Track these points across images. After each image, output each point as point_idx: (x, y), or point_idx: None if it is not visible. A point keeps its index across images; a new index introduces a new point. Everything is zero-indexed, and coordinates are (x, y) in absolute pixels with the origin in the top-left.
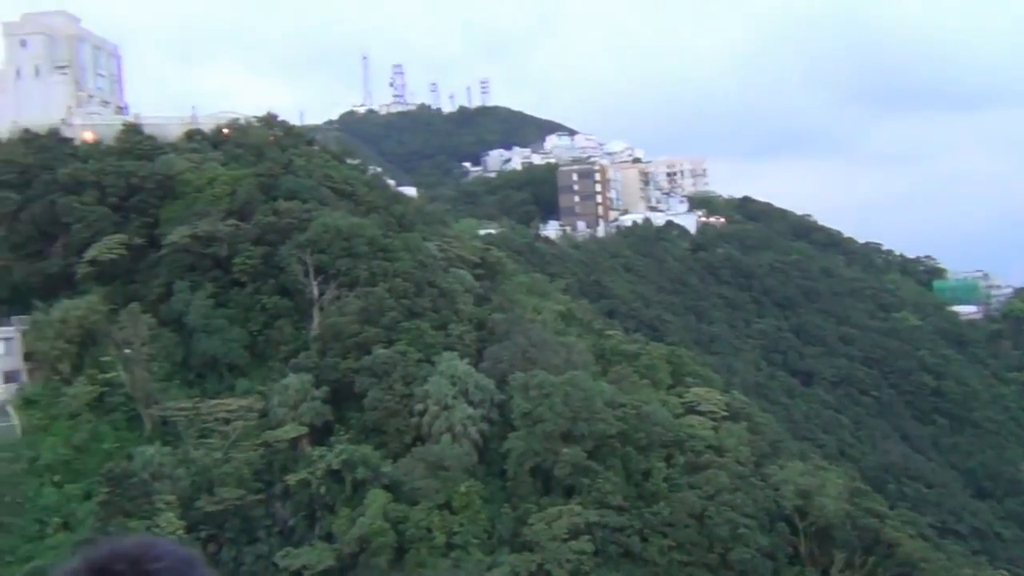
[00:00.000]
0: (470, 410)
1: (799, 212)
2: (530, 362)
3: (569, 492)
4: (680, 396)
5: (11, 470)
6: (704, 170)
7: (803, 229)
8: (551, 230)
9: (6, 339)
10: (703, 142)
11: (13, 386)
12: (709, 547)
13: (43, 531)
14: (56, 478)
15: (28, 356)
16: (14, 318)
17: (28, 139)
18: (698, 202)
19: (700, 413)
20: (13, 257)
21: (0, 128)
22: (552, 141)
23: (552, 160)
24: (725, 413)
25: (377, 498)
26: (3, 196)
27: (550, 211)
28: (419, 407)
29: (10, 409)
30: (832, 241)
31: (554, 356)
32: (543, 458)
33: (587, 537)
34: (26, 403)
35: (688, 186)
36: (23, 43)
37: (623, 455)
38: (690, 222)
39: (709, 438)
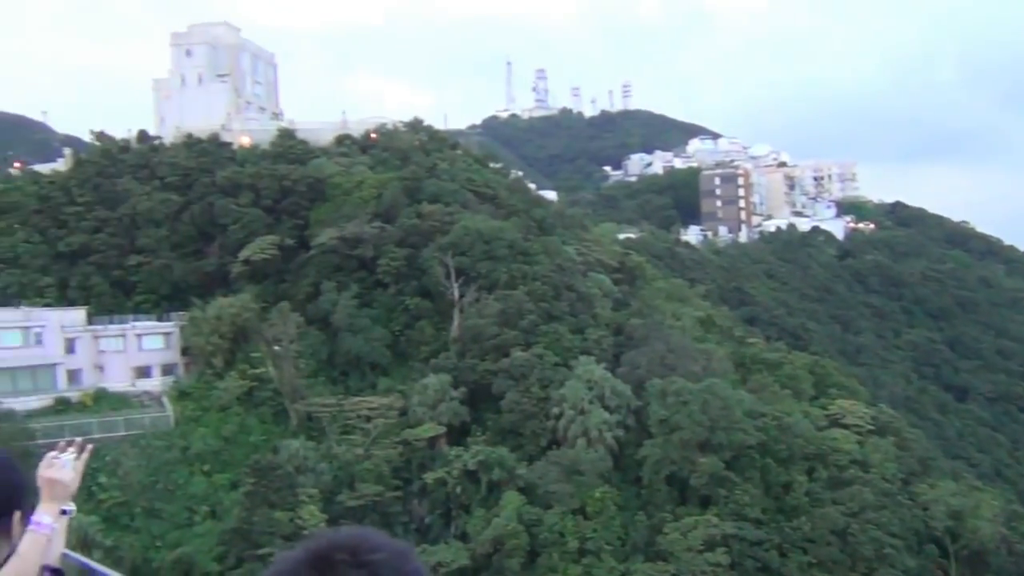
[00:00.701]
0: (606, 415)
1: (955, 218)
2: (668, 368)
3: (705, 502)
4: (823, 408)
5: (164, 458)
6: (853, 174)
7: (959, 236)
8: (692, 235)
9: (165, 334)
10: (853, 145)
11: (170, 379)
12: (852, 566)
13: (192, 518)
14: (206, 467)
15: (185, 350)
16: (173, 314)
17: (190, 144)
18: (846, 207)
19: (844, 426)
20: (174, 256)
21: (164, 133)
22: (695, 145)
23: (694, 164)
24: (871, 427)
25: (512, 500)
26: (166, 198)
27: (691, 216)
28: (555, 411)
29: (166, 400)
30: (991, 249)
31: (693, 363)
32: (679, 467)
33: (723, 549)
34: (181, 395)
35: (836, 191)
36: (188, 52)
37: (762, 467)
38: (837, 228)
39: (854, 452)
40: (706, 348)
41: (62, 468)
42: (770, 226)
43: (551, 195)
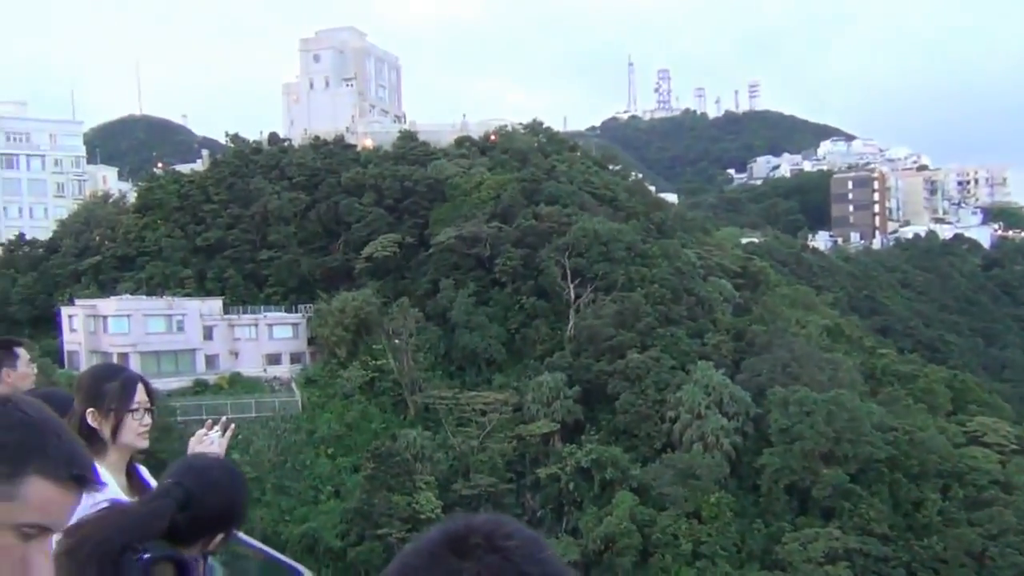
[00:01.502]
0: (724, 421)
1: None
2: (791, 377)
3: (827, 515)
4: (962, 425)
5: (292, 440)
6: (1004, 179)
7: None
8: (820, 241)
9: (294, 324)
10: (1004, 148)
11: (298, 367)
12: None
13: (317, 497)
14: (330, 450)
15: (311, 340)
16: (301, 306)
17: (317, 145)
18: (994, 214)
19: (985, 445)
20: (301, 251)
21: (293, 135)
22: (826, 147)
23: (825, 167)
24: (1015, 447)
25: (624, 500)
26: (294, 197)
27: (820, 221)
28: (671, 414)
29: (294, 386)
30: None
31: (818, 372)
32: (800, 477)
33: (846, 564)
34: (307, 382)
35: (983, 196)
36: (316, 58)
37: (891, 481)
38: (983, 235)
39: (995, 472)
40: (833, 357)
41: (211, 444)
42: (907, 233)
43: (671, 198)
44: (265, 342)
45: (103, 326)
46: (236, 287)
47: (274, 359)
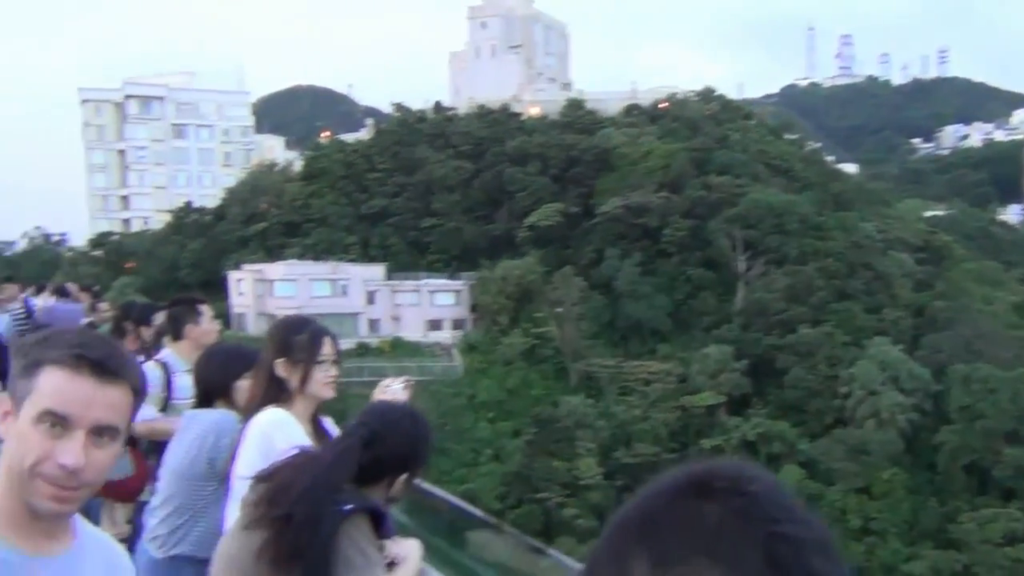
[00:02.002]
0: (900, 398)
1: None
2: (974, 354)
3: (1008, 495)
4: None
5: (453, 404)
6: None
7: None
8: (1011, 214)
9: (456, 291)
10: None
11: (459, 333)
12: None
13: (476, 459)
14: (490, 415)
15: (473, 307)
16: (463, 274)
17: (482, 114)
18: None
19: None
20: (465, 220)
21: (459, 103)
22: (1019, 116)
23: (1019, 136)
24: None
25: (792, 474)
26: (459, 165)
27: (1011, 194)
28: (843, 390)
29: (455, 352)
30: None
31: (1004, 350)
32: (980, 456)
33: None
34: (469, 348)
35: None
36: (483, 25)
37: None
38: None
39: None
40: (1021, 335)
41: (394, 393)
42: None
43: (851, 168)
44: (427, 308)
45: (270, 290)
46: (399, 254)
47: (435, 325)
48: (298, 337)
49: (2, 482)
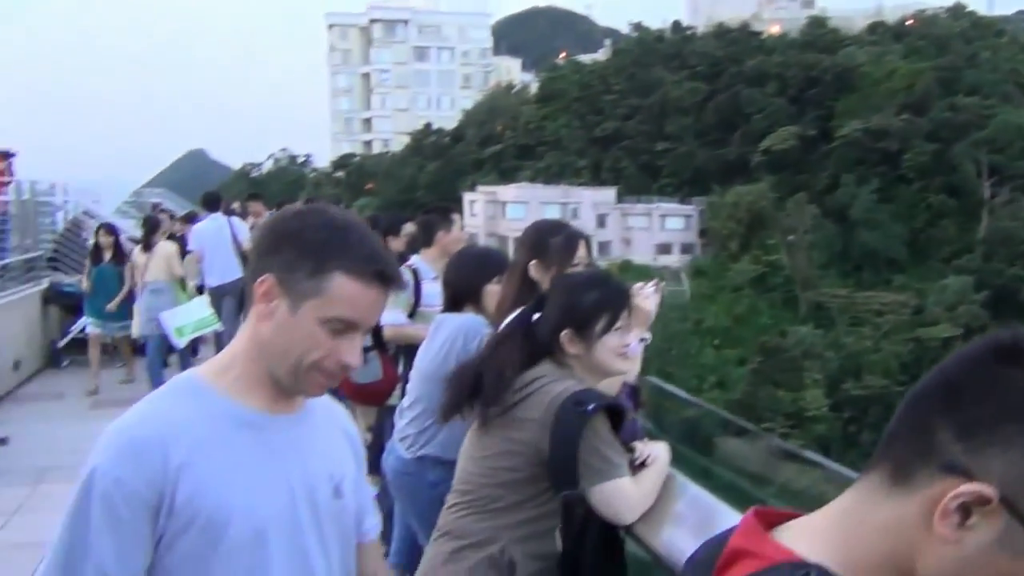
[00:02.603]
0: None
1: None
2: None
3: None
4: None
5: (679, 329)
6: None
7: None
8: None
9: (686, 216)
10: None
11: (687, 257)
12: None
13: (700, 386)
14: (716, 342)
15: (702, 232)
16: (694, 199)
17: (720, 33)
18: None
19: None
20: (697, 144)
21: (697, 23)
22: None
23: None
24: None
25: None
26: (694, 87)
27: None
28: None
29: (683, 276)
30: None
31: None
32: None
33: None
34: (696, 273)
35: None
36: None
37: None
38: None
39: None
40: None
41: (647, 298)
42: None
43: None
44: (657, 232)
45: (502, 211)
46: (630, 178)
47: (664, 249)
48: (553, 239)
49: (249, 351)
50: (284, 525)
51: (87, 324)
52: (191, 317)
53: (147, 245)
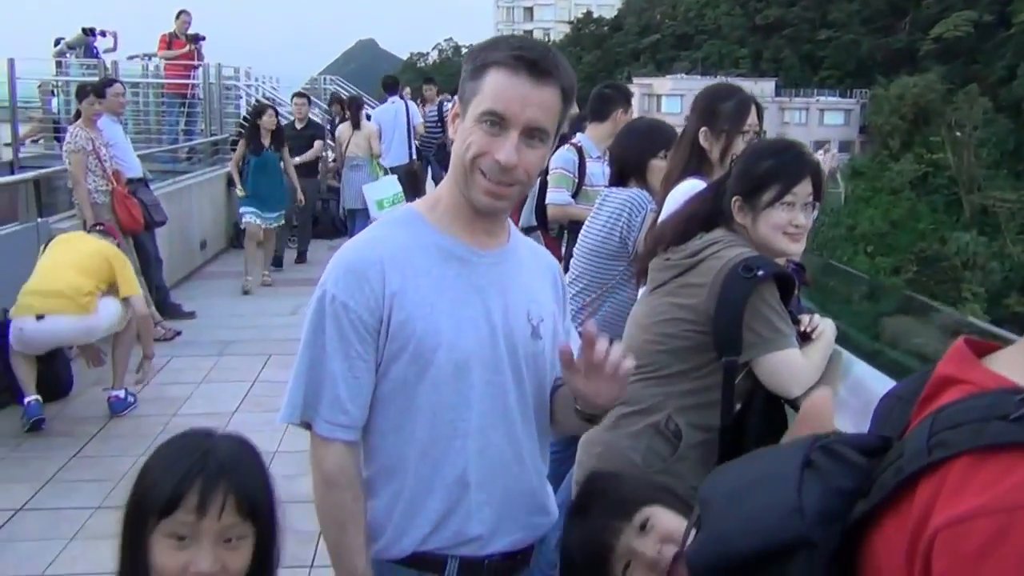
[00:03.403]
0: None
1: None
2: None
3: None
4: None
5: (831, 234)
6: None
7: None
8: None
9: (846, 110)
10: None
11: (845, 156)
12: None
13: (850, 296)
14: (869, 248)
15: (863, 129)
16: (856, 91)
17: None
18: None
19: None
20: (863, 31)
21: None
22: None
23: None
24: None
25: None
26: None
27: None
28: None
29: (839, 177)
30: None
31: None
32: None
33: None
34: (854, 173)
35: None
36: None
37: None
38: None
39: None
40: None
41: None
42: None
43: None
44: (815, 128)
45: (657, 104)
46: (791, 68)
47: (821, 146)
48: (724, 105)
49: (450, 182)
50: (485, 360)
51: (245, 215)
52: (388, 191)
53: (355, 123)
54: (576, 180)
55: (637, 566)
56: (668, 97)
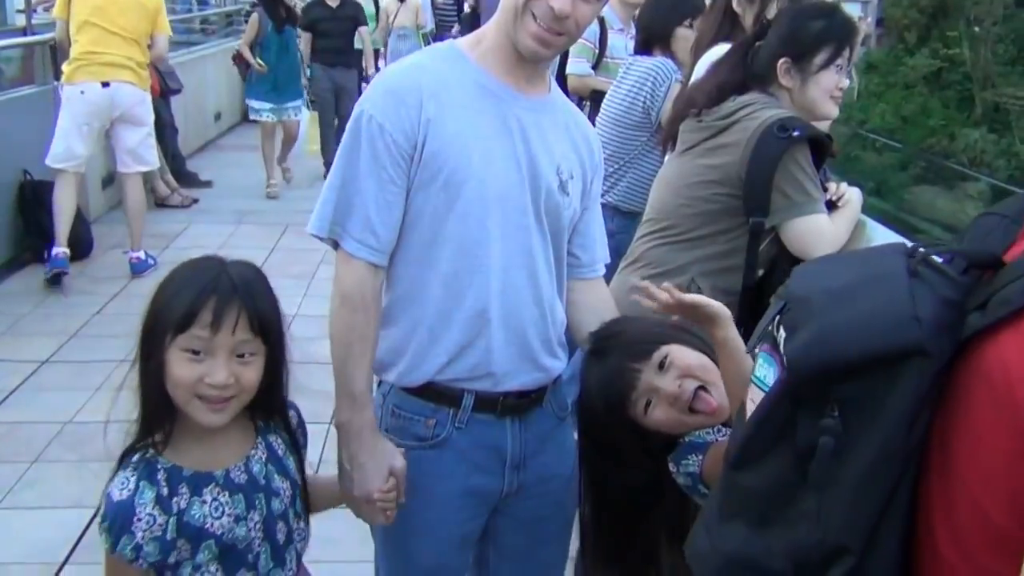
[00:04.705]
0: None
1: None
2: None
3: None
4: None
5: (841, 130)
6: None
7: None
8: None
9: (864, 2)
10: None
11: (862, 50)
12: None
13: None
14: (878, 144)
15: (879, 22)
16: None
17: None
18: None
19: None
20: None
21: None
22: None
23: None
24: None
25: None
26: None
27: None
28: None
29: (853, 72)
30: None
31: None
32: None
33: None
34: (868, 68)
35: None
36: None
37: None
38: None
39: None
40: None
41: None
42: None
43: None
44: None
45: None
46: None
47: None
48: None
49: (497, 22)
50: (511, 200)
51: (260, 111)
52: None
53: None
54: (597, 51)
55: (659, 403)
56: None
